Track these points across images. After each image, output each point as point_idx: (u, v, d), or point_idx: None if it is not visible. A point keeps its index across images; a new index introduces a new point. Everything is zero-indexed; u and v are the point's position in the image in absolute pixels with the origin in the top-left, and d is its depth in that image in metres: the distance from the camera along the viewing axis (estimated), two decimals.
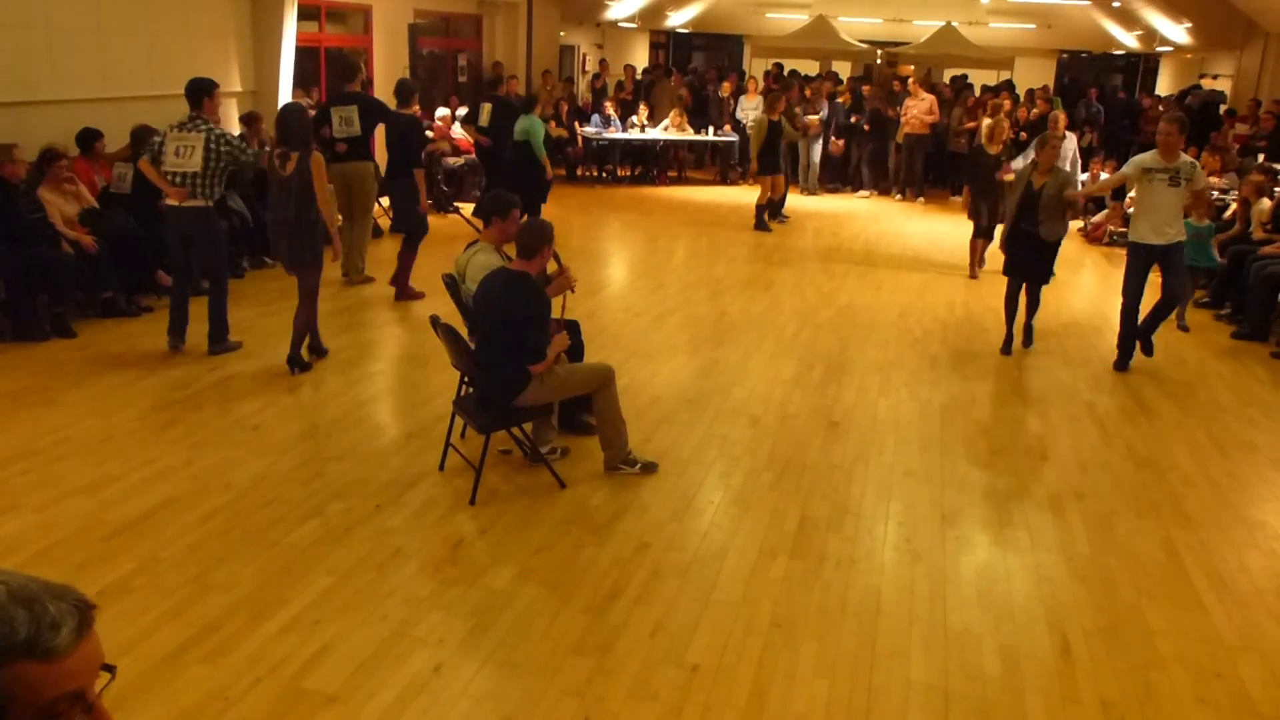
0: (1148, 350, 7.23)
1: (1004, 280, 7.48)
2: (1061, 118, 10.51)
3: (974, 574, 4.23)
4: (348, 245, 8.69)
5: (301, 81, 11.28)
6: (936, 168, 15.32)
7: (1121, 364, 7.18)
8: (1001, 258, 7.52)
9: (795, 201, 14.59)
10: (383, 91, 12.76)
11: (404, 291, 8.40)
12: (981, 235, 9.93)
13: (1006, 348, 7.44)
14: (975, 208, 9.89)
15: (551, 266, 5.27)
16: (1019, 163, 9.67)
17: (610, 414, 4.96)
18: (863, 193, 15.36)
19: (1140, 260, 6.92)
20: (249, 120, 9.78)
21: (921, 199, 14.90)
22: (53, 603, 1.08)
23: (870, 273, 10.06)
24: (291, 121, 6.28)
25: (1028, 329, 7.60)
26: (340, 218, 8.72)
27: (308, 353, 6.68)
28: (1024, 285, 7.39)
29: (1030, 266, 7.26)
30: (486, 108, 12.38)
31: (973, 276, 9.95)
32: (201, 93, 6.51)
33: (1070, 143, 10.68)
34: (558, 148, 15.89)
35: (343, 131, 8.56)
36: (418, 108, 8.65)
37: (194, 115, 6.48)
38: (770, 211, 12.38)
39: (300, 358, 6.53)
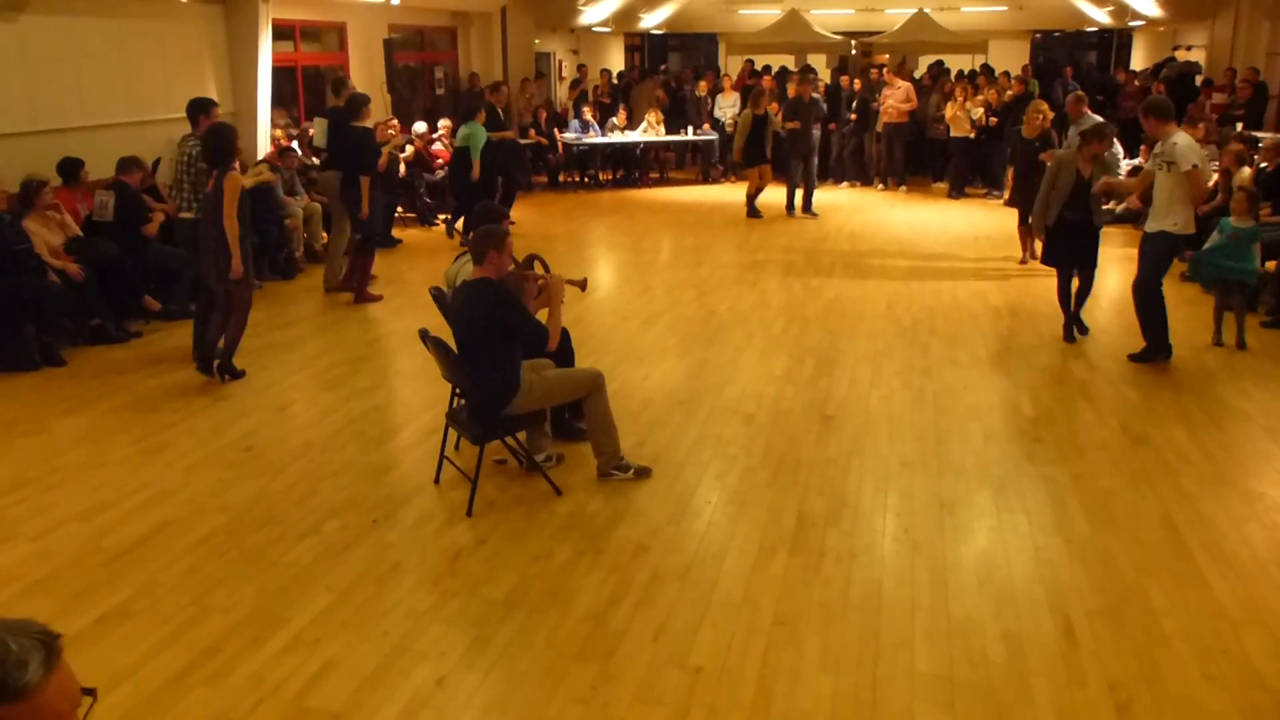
0: (1082, 329, 7.49)
1: (983, 264, 7.55)
2: (1083, 96, 10.01)
3: (974, 561, 4.22)
4: (336, 240, 9.12)
5: (280, 101, 11.23)
6: (916, 155, 15.34)
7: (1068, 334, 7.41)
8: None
9: (779, 197, 14.62)
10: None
11: (361, 295, 8.70)
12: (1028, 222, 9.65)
13: (1068, 334, 7.38)
14: (1019, 195, 9.66)
15: (538, 270, 5.26)
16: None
17: (601, 420, 4.94)
18: (844, 184, 15.38)
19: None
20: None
21: (904, 187, 14.92)
22: (14, 640, 1.05)
23: (856, 264, 10.05)
24: (211, 140, 6.42)
25: (1078, 318, 7.51)
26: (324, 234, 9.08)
27: (199, 364, 6.70)
28: (1074, 273, 7.37)
29: (1082, 254, 7.21)
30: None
31: (1024, 262, 9.87)
32: (198, 111, 7.05)
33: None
34: (538, 155, 15.90)
35: (318, 143, 9.44)
36: (371, 120, 9.03)
37: (189, 134, 7.03)
38: (750, 205, 12.54)
39: (233, 366, 6.63)
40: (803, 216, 12.65)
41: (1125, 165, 11.68)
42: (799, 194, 12.92)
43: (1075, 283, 7.44)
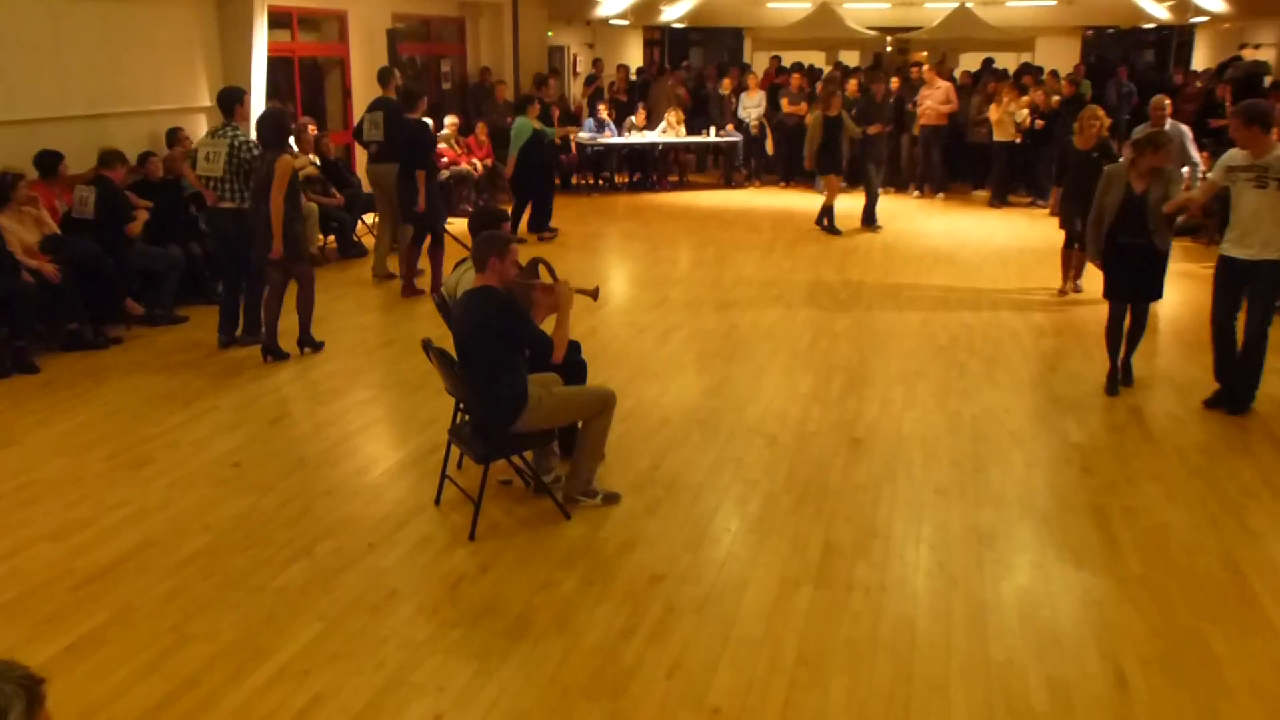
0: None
1: (1026, 278, 7.38)
2: (1167, 103, 9.19)
3: (1015, 599, 4.19)
4: (387, 234, 9.71)
5: (275, 94, 11.31)
6: (955, 161, 15.33)
7: (1221, 401, 6.38)
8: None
9: (806, 202, 14.61)
10: (363, 102, 12.83)
11: (408, 288, 9.17)
12: (1077, 244, 8.98)
13: (1112, 386, 6.68)
14: (1067, 212, 8.89)
15: (545, 277, 5.26)
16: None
17: (594, 440, 4.94)
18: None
19: (1226, 276, 6.20)
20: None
21: (942, 195, 14.91)
22: None
23: (889, 276, 10.04)
24: (264, 124, 7.12)
25: (1127, 365, 6.81)
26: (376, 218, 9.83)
27: (299, 346, 7.49)
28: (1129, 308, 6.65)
29: (1138, 284, 6.52)
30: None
31: (1062, 293, 9.24)
32: (232, 101, 7.59)
33: (1180, 131, 9.36)
34: (552, 154, 15.94)
35: (371, 135, 9.65)
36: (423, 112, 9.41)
37: (225, 123, 7.51)
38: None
39: (312, 339, 7.49)
40: (864, 229, 12.36)
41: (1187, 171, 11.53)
42: (847, 202, 12.66)
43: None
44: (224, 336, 7.64)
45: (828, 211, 12.23)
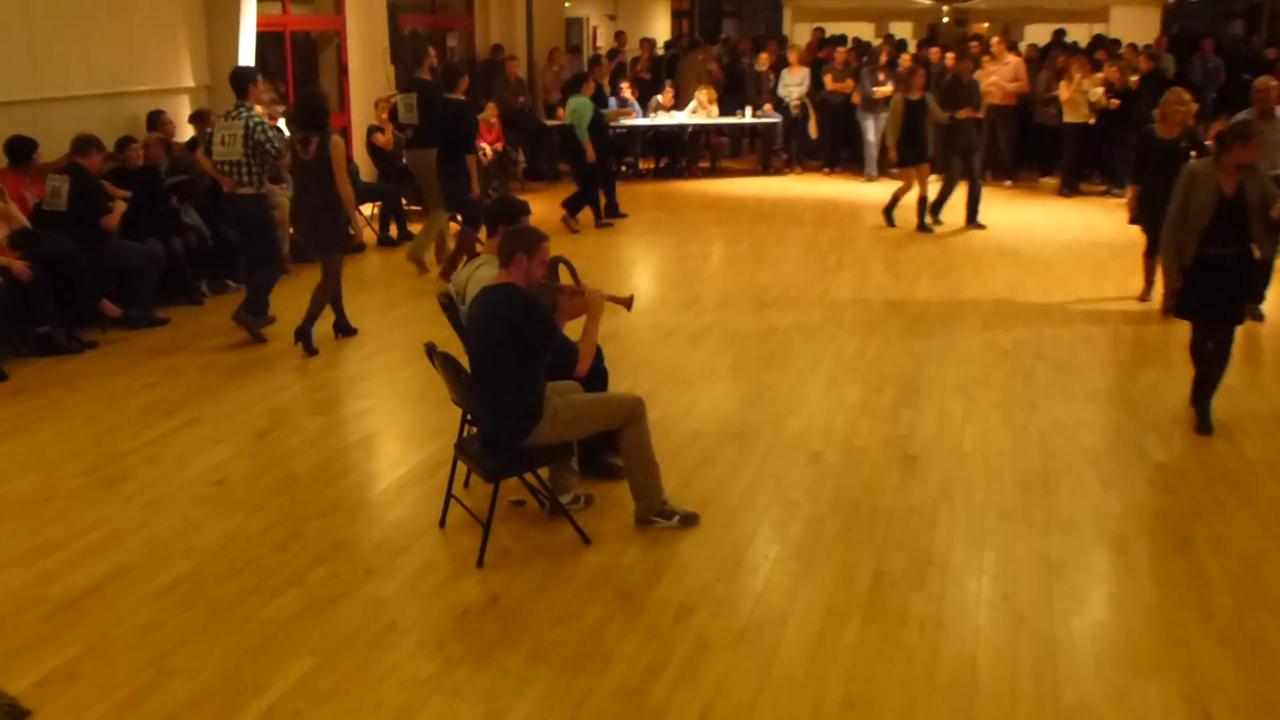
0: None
1: (1101, 275, 7.23)
2: (1274, 85, 8.46)
3: (1089, 637, 4.15)
4: (433, 220, 10.03)
5: (265, 72, 11.40)
6: (1020, 145, 15.24)
7: None
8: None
9: (854, 191, 14.57)
10: (360, 80, 12.91)
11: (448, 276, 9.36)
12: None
13: (1204, 423, 6.23)
14: (1148, 213, 8.32)
15: (565, 279, 5.27)
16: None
17: (640, 455, 4.93)
18: (933, 177, 15.30)
19: None
20: (199, 119, 9.89)
21: (1008, 182, 14.83)
22: None
23: (947, 273, 10.00)
24: (309, 105, 7.66)
25: (1204, 412, 6.27)
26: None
27: (336, 332, 7.98)
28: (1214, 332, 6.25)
29: (1223, 304, 6.13)
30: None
31: (1144, 298, 8.93)
32: (245, 80, 7.87)
33: None
34: (566, 139, 15.95)
35: (407, 118, 10.07)
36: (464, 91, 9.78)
37: (239, 104, 7.78)
38: (933, 210, 12.09)
39: (309, 339, 7.67)
40: (967, 229, 12.04)
41: None
42: (931, 197, 12.22)
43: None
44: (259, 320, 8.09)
45: (924, 203, 11.91)
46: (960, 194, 12.05)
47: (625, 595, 4.44)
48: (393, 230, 11.58)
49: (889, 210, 12.17)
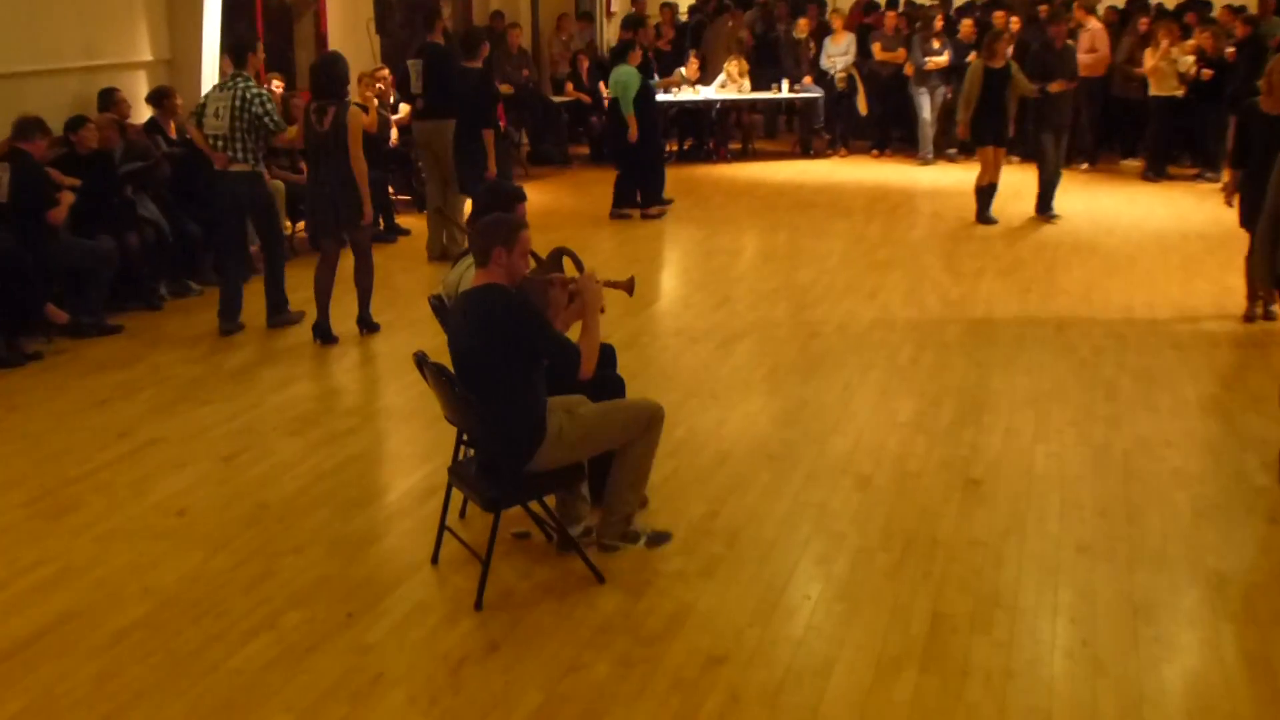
0: None
1: (1192, 273, 7.12)
2: None
3: (1182, 690, 4.12)
4: (444, 203, 10.40)
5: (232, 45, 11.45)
6: (1100, 123, 15.18)
7: None
8: None
9: (907, 176, 14.55)
10: (341, 52, 12.93)
11: None
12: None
13: None
14: (1250, 203, 8.00)
15: (570, 271, 5.25)
16: None
17: (637, 467, 4.93)
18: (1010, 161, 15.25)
19: None
20: (158, 99, 9.95)
21: (1085, 165, 14.77)
22: None
23: (1016, 269, 9.97)
24: (325, 72, 7.92)
25: None
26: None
27: (315, 335, 8.12)
28: None
29: None
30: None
31: (1248, 318, 8.54)
32: (244, 49, 8.28)
33: None
34: (577, 117, 16.03)
35: (417, 87, 10.44)
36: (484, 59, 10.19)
37: (235, 73, 8.13)
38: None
39: (371, 319, 8.28)
40: (1038, 219, 11.96)
41: None
42: (997, 183, 12.00)
43: None
44: (226, 323, 8.34)
45: (985, 194, 11.84)
46: (1031, 169, 12.00)
47: (644, 643, 4.42)
48: (380, 221, 11.62)
49: (981, 205, 11.90)
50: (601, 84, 15.83)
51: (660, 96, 15.40)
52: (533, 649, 4.39)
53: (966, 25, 14.76)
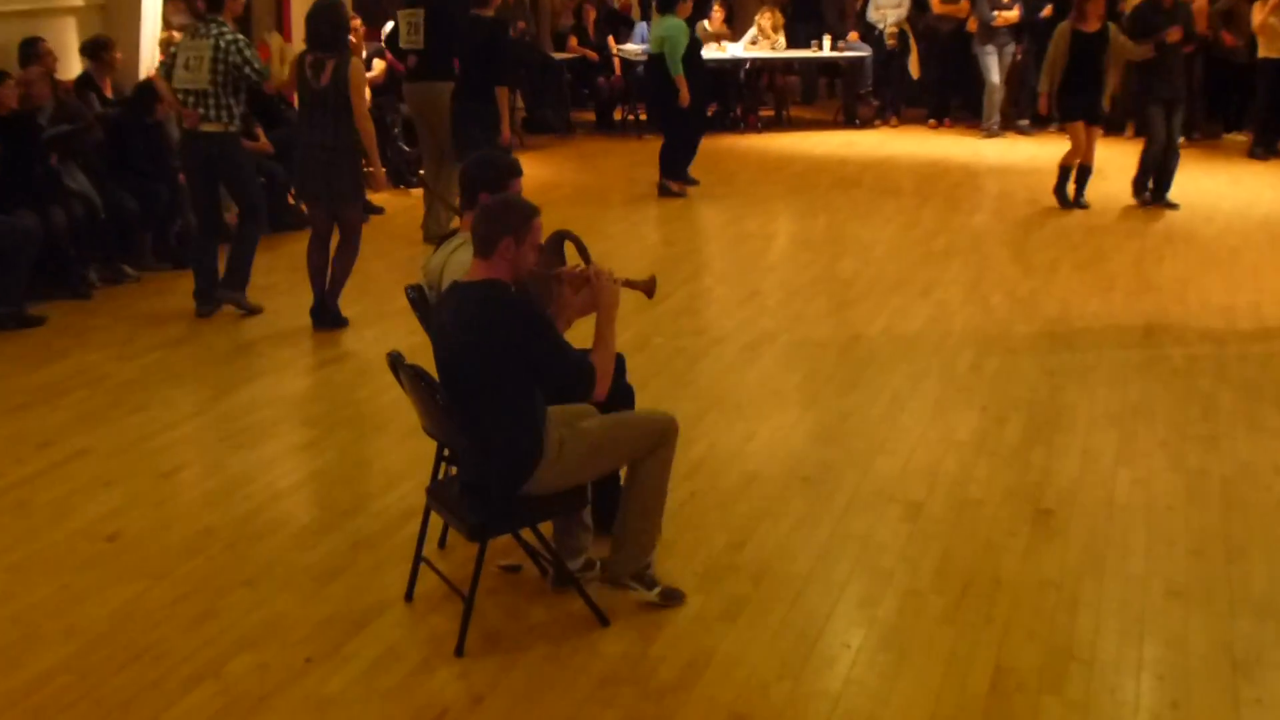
0: None
1: None
2: None
3: None
4: (436, 180, 10.62)
5: None
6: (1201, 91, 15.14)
7: None
8: None
9: (969, 149, 14.53)
10: (300, 11, 12.97)
11: None
12: None
13: None
14: None
15: (572, 261, 5.23)
16: None
17: (653, 491, 4.90)
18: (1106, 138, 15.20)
19: None
20: (94, 50, 9.97)
21: (1182, 139, 14.66)
22: None
23: (1096, 262, 9.95)
24: (323, 20, 8.09)
25: None
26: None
27: (316, 319, 8.38)
28: None
29: None
30: None
31: None
32: None
33: None
34: (581, 78, 16.03)
35: (410, 42, 10.57)
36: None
37: (209, 19, 8.28)
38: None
39: (337, 310, 8.39)
40: (1152, 208, 11.80)
41: None
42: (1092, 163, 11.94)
43: None
44: (204, 306, 8.62)
45: (1079, 174, 11.73)
46: (1117, 143, 11.99)
47: (655, 696, 4.41)
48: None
49: (1065, 187, 11.80)
50: (611, 38, 15.91)
51: None
52: (524, 703, 4.38)
53: None
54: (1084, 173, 11.80)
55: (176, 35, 10.98)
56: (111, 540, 5.55)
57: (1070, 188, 11.83)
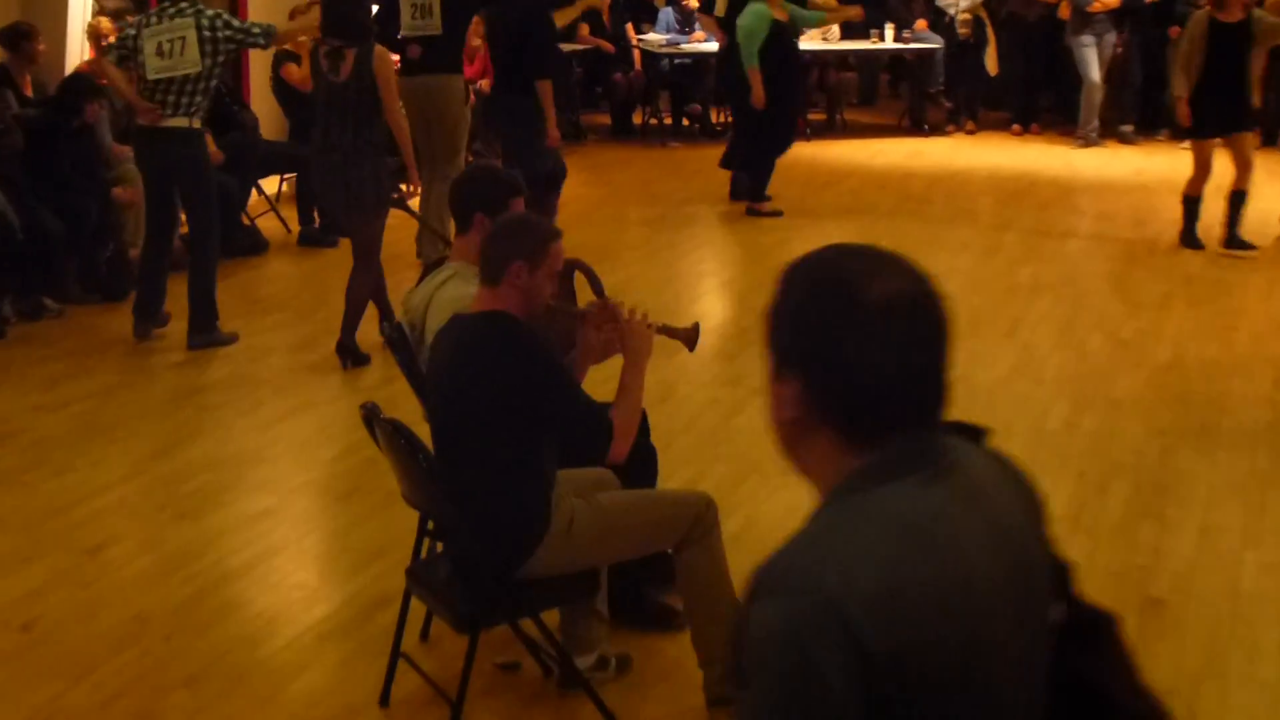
0: None
1: None
2: None
3: None
4: (426, 199, 10.59)
5: None
6: None
7: None
8: None
9: (1060, 161, 14.54)
10: None
11: None
12: None
13: None
14: None
15: (583, 298, 5.25)
16: None
17: (709, 591, 4.88)
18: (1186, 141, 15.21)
19: None
20: (12, 40, 10.03)
21: None
22: None
23: (1215, 299, 9.95)
24: (343, 4, 8.28)
25: None
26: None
27: (340, 356, 8.53)
28: None
29: None
30: None
31: None
32: None
33: None
34: (594, 73, 16.08)
35: (416, 27, 10.45)
36: None
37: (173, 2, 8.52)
38: (1188, 221, 11.41)
39: (354, 346, 8.51)
40: None
41: None
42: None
43: None
44: (142, 325, 8.86)
45: (1231, 203, 11.23)
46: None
47: None
48: (315, 218, 11.65)
49: (1194, 227, 11.37)
50: (630, 26, 15.97)
51: (708, 46, 15.49)
52: None
53: None
54: (1236, 201, 11.20)
55: (105, 23, 11.10)
56: (26, 630, 5.55)
57: (1199, 224, 11.32)
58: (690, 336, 5.14)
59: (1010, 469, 2.42)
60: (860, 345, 2.14)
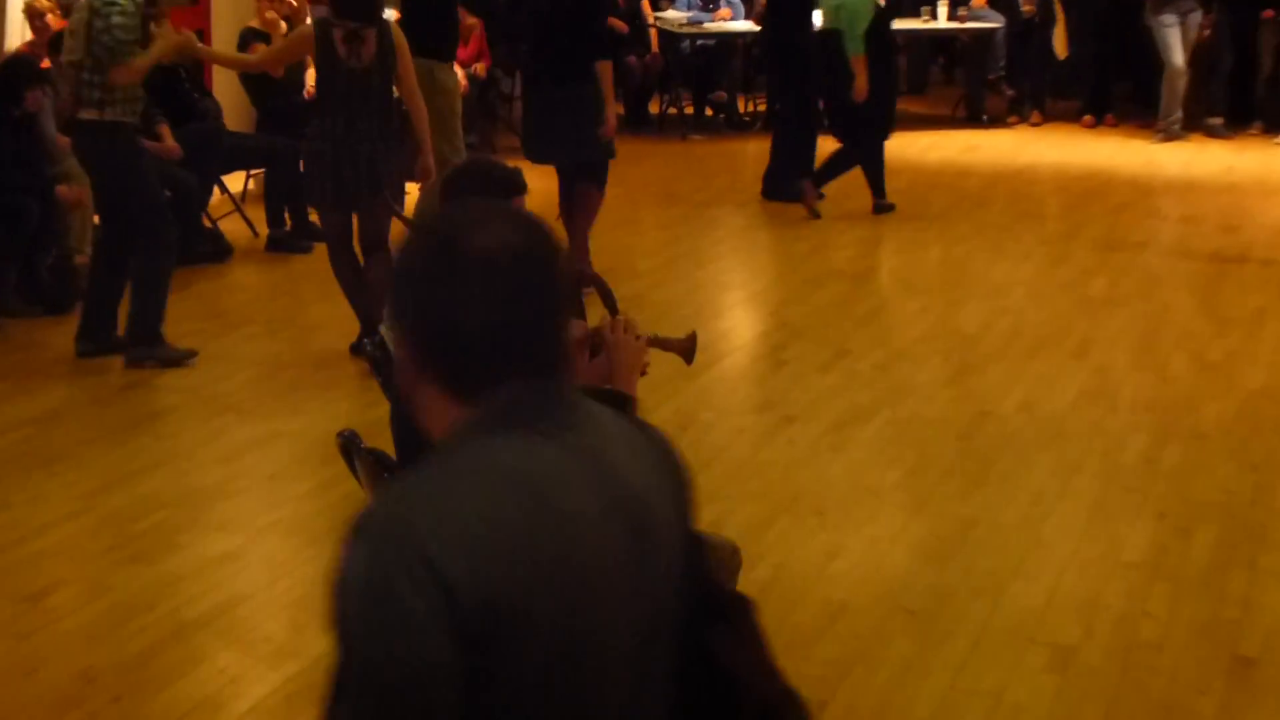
0: None
1: None
2: None
3: None
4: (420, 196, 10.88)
5: None
6: None
7: None
8: None
9: (1139, 157, 14.53)
10: None
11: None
12: None
13: None
14: None
15: (593, 319, 5.25)
16: None
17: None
18: None
19: None
20: None
21: None
22: None
23: None
24: None
25: None
26: None
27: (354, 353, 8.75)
28: None
29: None
30: None
31: None
32: None
33: None
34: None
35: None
36: None
37: None
38: None
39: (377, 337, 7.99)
40: None
41: None
42: None
43: None
44: (86, 343, 8.91)
45: None
46: None
47: None
48: (286, 220, 11.65)
49: None
50: (646, 4, 15.99)
51: (736, 24, 15.51)
52: None
53: None
54: None
55: (44, 1, 11.16)
56: None
57: None
58: (686, 347, 5.14)
59: (656, 440, 2.59)
60: (456, 296, 2.28)
